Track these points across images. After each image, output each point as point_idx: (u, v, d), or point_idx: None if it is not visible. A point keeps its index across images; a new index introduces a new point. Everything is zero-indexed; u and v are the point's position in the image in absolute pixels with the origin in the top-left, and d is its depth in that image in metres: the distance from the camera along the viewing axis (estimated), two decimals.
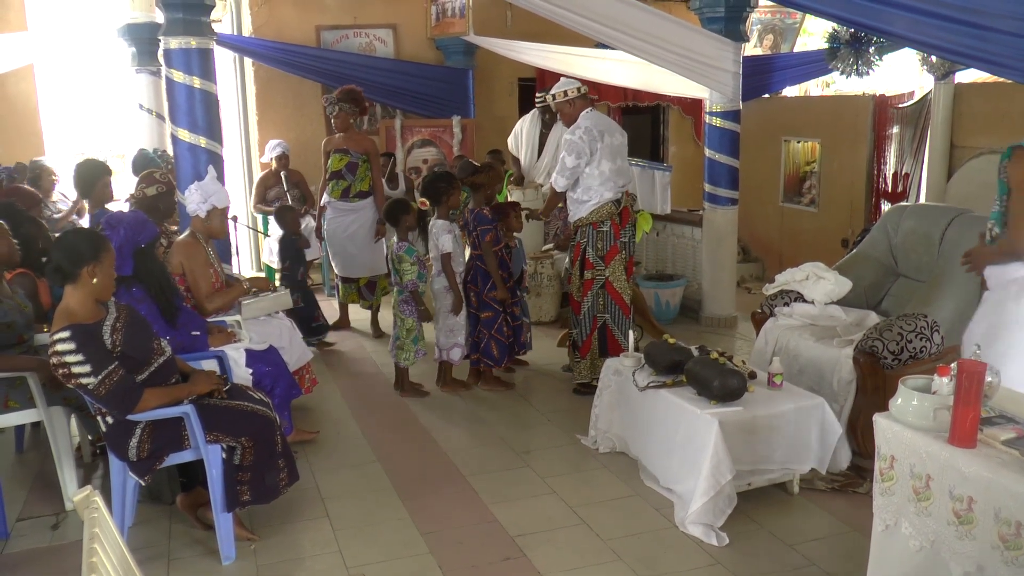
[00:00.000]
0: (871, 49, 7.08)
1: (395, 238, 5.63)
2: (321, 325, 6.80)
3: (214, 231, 4.79)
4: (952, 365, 2.71)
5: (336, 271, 7.28)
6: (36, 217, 5.68)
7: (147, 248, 4.05)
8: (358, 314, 7.48)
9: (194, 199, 4.66)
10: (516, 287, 5.91)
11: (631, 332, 5.06)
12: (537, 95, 8.09)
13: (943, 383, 2.78)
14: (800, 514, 4.02)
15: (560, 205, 5.83)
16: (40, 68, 9.00)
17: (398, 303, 5.63)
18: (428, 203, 5.61)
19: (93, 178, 5.86)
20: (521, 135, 8.41)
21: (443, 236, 5.52)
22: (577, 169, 5.39)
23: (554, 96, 5.53)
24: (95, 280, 3.40)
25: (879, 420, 2.93)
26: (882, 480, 2.91)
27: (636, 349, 4.76)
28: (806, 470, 4.16)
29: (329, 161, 6.99)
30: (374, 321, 7.27)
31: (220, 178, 5.07)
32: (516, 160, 8.48)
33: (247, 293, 4.88)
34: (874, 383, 4.30)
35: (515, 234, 5.91)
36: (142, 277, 4.03)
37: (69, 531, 3.95)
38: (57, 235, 4.19)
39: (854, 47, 7.09)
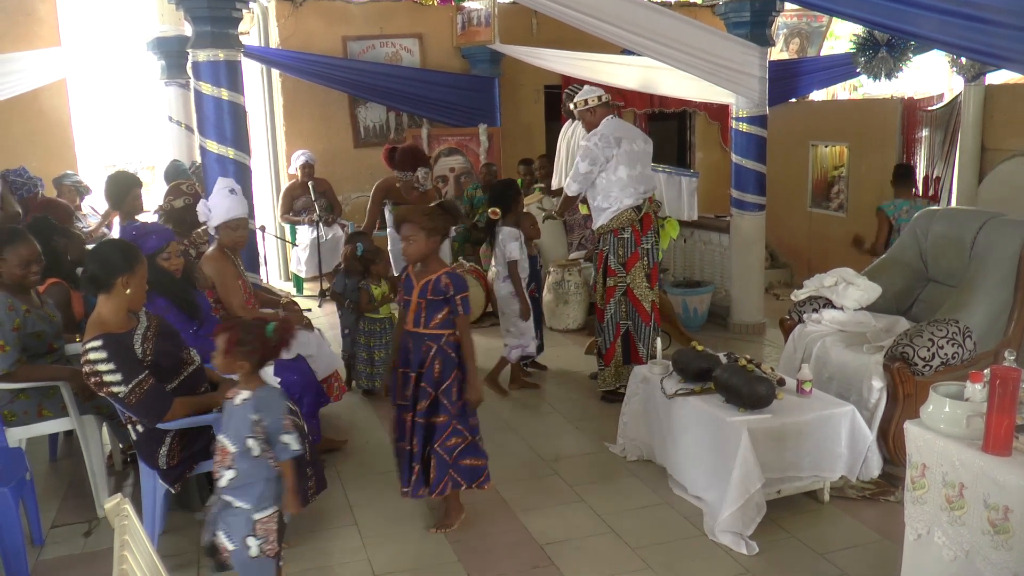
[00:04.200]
0: (907, 55, 7.01)
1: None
2: None
3: (236, 243, 4.81)
4: (985, 371, 2.68)
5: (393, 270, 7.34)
6: (69, 228, 5.75)
7: (147, 258, 4.07)
8: None
9: (217, 215, 4.68)
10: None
11: (658, 339, 5.04)
12: (567, 89, 8.03)
13: (976, 390, 2.74)
14: (831, 522, 3.97)
15: (587, 213, 5.83)
16: (72, 82, 9.14)
17: None
18: (499, 212, 5.61)
19: (124, 190, 5.95)
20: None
21: (511, 243, 5.57)
22: (590, 175, 5.40)
23: (575, 105, 5.58)
24: (128, 290, 3.45)
25: (910, 427, 2.89)
26: (914, 488, 2.88)
27: (664, 356, 4.74)
28: (836, 478, 4.11)
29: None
30: None
31: (247, 190, 5.09)
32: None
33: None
34: (905, 390, 4.25)
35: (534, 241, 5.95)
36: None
37: (102, 538, 3.99)
38: (91, 247, 4.23)
39: (885, 49, 7.03)
